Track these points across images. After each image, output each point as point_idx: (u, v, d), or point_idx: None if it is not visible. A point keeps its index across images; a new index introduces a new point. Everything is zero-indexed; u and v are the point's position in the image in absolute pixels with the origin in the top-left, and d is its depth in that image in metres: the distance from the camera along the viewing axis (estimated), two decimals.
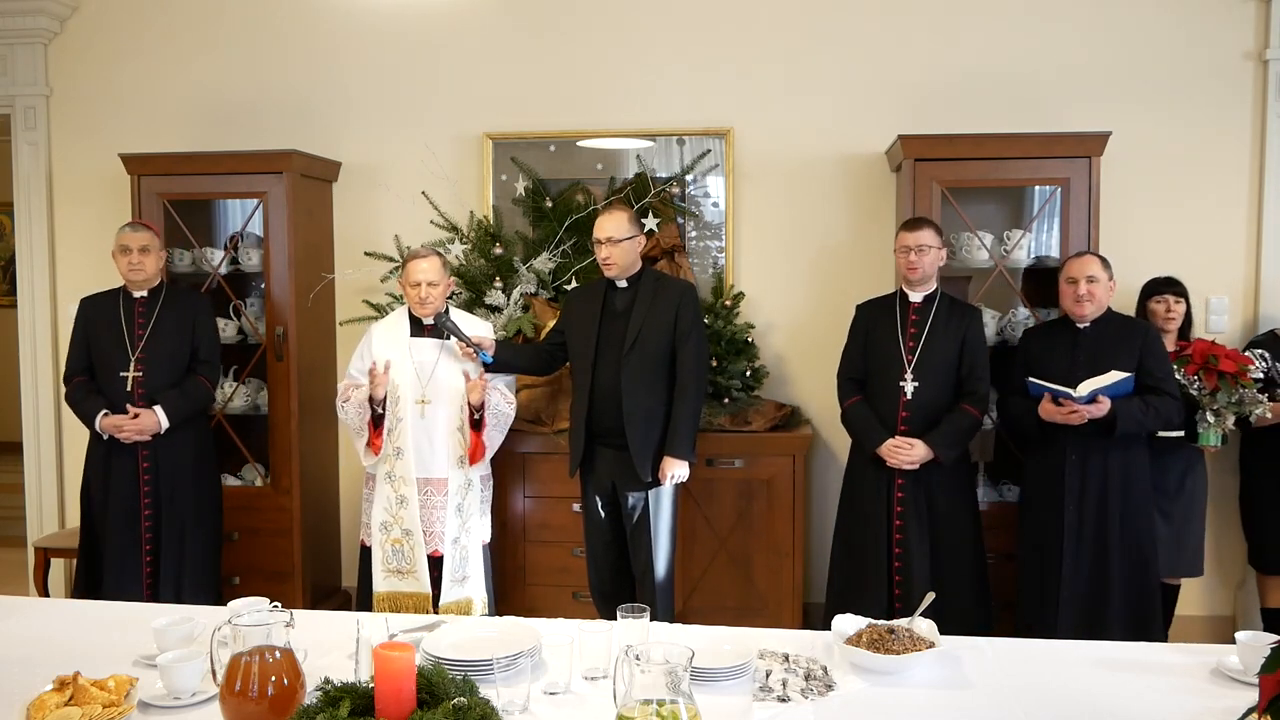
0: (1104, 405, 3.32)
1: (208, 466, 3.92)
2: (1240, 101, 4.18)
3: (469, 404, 3.51)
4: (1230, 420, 3.60)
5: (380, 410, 3.50)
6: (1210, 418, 3.57)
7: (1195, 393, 3.59)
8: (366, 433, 3.52)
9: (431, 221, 4.45)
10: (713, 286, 4.39)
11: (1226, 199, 4.21)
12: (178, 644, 2.08)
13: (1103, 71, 4.23)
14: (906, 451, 3.49)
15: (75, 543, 4.10)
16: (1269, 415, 3.61)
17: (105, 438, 3.72)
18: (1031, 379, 3.38)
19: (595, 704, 1.90)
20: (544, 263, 4.32)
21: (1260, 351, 3.77)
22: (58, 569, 4.52)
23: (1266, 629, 3.78)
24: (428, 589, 3.50)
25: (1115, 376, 3.31)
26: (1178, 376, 3.55)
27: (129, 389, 3.71)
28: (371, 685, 1.63)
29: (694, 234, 4.48)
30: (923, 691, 1.98)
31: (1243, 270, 4.22)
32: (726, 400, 4.09)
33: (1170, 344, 3.78)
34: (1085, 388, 3.29)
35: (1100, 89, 4.23)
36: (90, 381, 3.78)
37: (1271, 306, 4.16)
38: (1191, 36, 4.18)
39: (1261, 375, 3.69)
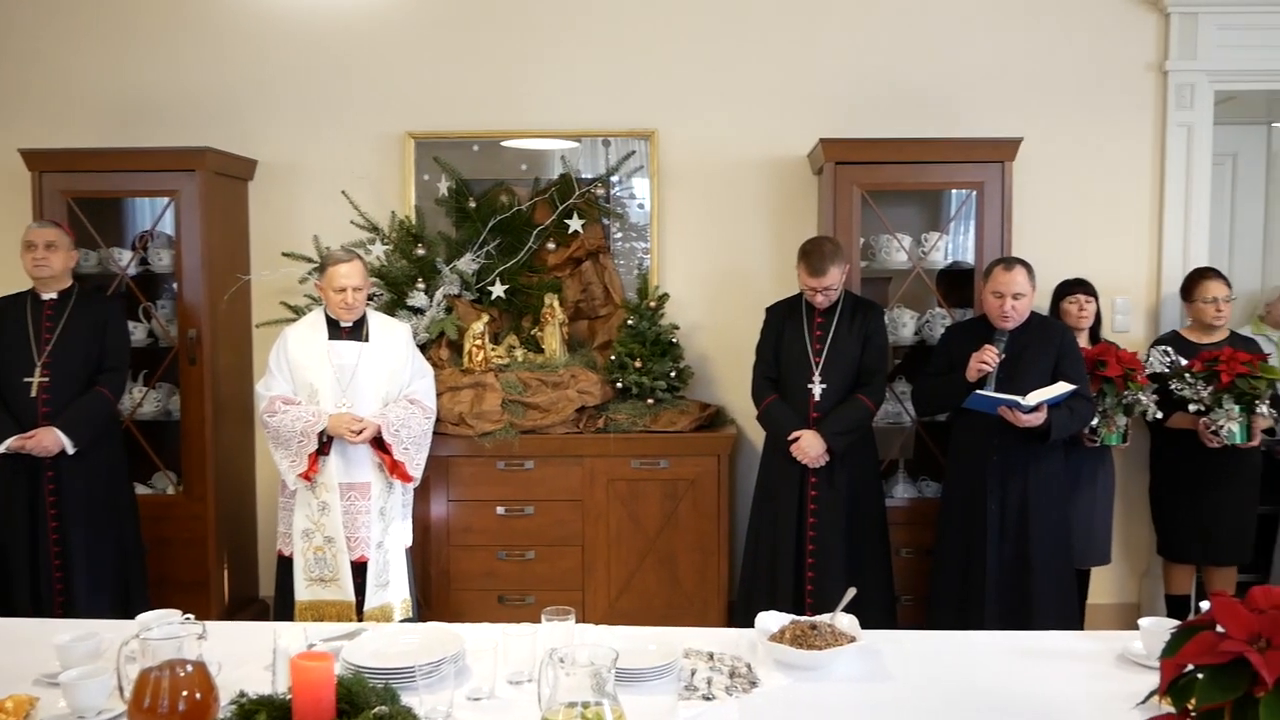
0: (1043, 415, 3.38)
1: (120, 479, 3.81)
2: (1142, 110, 4.35)
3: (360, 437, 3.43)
4: (1121, 420, 3.74)
5: (326, 451, 3.42)
6: (1095, 419, 3.69)
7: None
8: (304, 462, 3.39)
9: (352, 222, 4.37)
10: (638, 288, 4.40)
11: (1130, 203, 4.38)
12: (82, 660, 1.99)
13: (1015, 80, 4.36)
14: (797, 444, 3.58)
15: None
16: (1159, 415, 3.75)
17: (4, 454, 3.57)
18: (978, 392, 3.42)
19: (520, 708, 1.88)
20: (467, 264, 4.27)
21: (1164, 348, 3.92)
22: None
23: (1170, 614, 3.94)
24: (352, 596, 3.43)
25: (1063, 388, 3.39)
26: None
27: (34, 395, 3.56)
28: (289, 697, 1.59)
29: (619, 235, 4.49)
30: (845, 685, 2.01)
31: (1145, 272, 4.39)
32: (651, 401, 4.10)
33: (1083, 341, 3.92)
34: (1034, 398, 3.35)
35: (1013, 97, 4.35)
36: None
37: (1171, 307, 4.33)
38: (1097, 48, 4.34)
39: (1167, 369, 3.84)
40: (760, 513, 3.79)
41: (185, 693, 1.64)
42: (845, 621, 2.21)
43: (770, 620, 2.23)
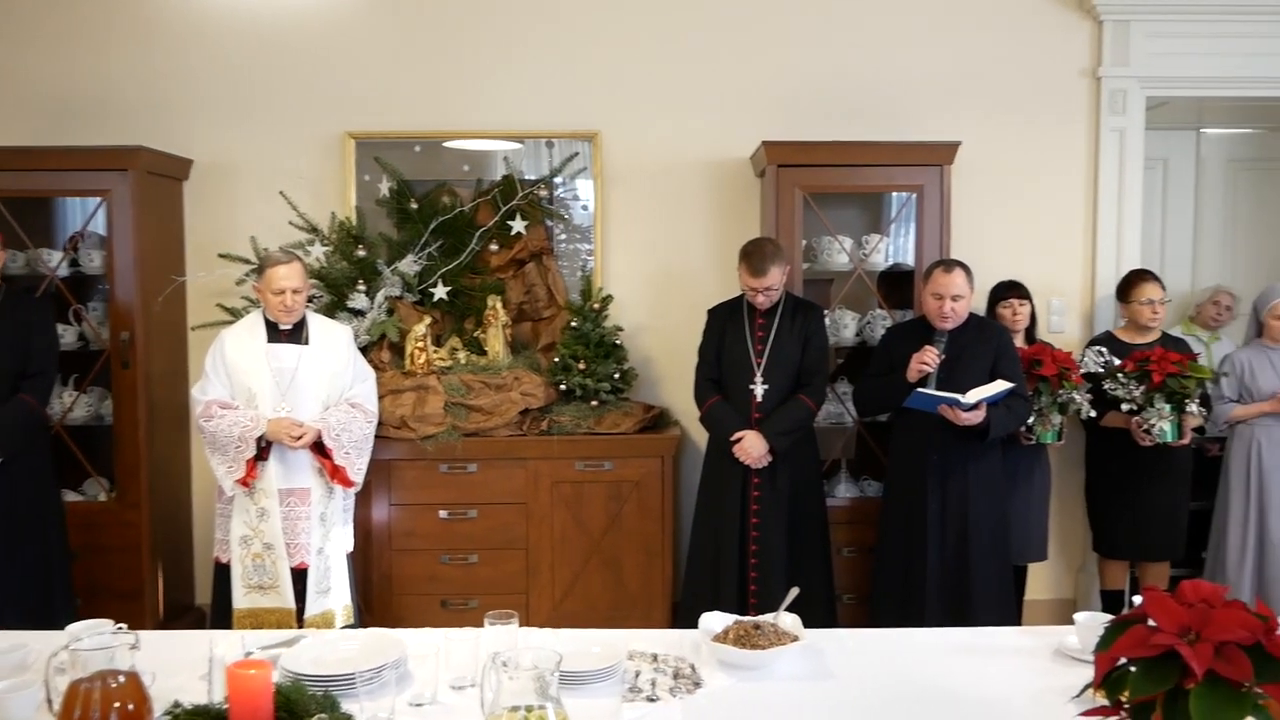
0: (982, 413, 3.45)
1: (45, 486, 3.68)
2: (1076, 115, 4.45)
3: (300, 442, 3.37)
4: (1056, 419, 3.83)
5: (264, 457, 3.35)
6: (1031, 417, 3.77)
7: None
8: (242, 468, 3.32)
9: (290, 222, 4.30)
10: (581, 289, 4.39)
11: (1064, 206, 4.47)
12: (9, 673, 1.94)
13: (954, 84, 4.43)
14: (740, 445, 3.60)
15: None
16: (1093, 414, 3.84)
17: None
18: (920, 389, 3.48)
19: (463, 713, 1.87)
20: (409, 265, 4.23)
21: (1098, 348, 4.02)
22: None
23: (1105, 609, 4.04)
24: (291, 604, 3.37)
25: (1002, 386, 3.45)
26: None
27: None
28: (225, 706, 1.56)
29: (563, 237, 4.47)
30: (788, 684, 2.03)
31: (1080, 274, 4.50)
32: (595, 403, 4.09)
33: (1019, 343, 4.00)
34: (973, 395, 3.42)
35: (952, 101, 4.42)
36: None
37: (1105, 308, 4.44)
38: (1033, 54, 4.43)
39: (1101, 369, 3.93)
40: (703, 514, 3.80)
41: (117, 704, 1.60)
42: (788, 621, 2.23)
43: (714, 621, 2.24)
